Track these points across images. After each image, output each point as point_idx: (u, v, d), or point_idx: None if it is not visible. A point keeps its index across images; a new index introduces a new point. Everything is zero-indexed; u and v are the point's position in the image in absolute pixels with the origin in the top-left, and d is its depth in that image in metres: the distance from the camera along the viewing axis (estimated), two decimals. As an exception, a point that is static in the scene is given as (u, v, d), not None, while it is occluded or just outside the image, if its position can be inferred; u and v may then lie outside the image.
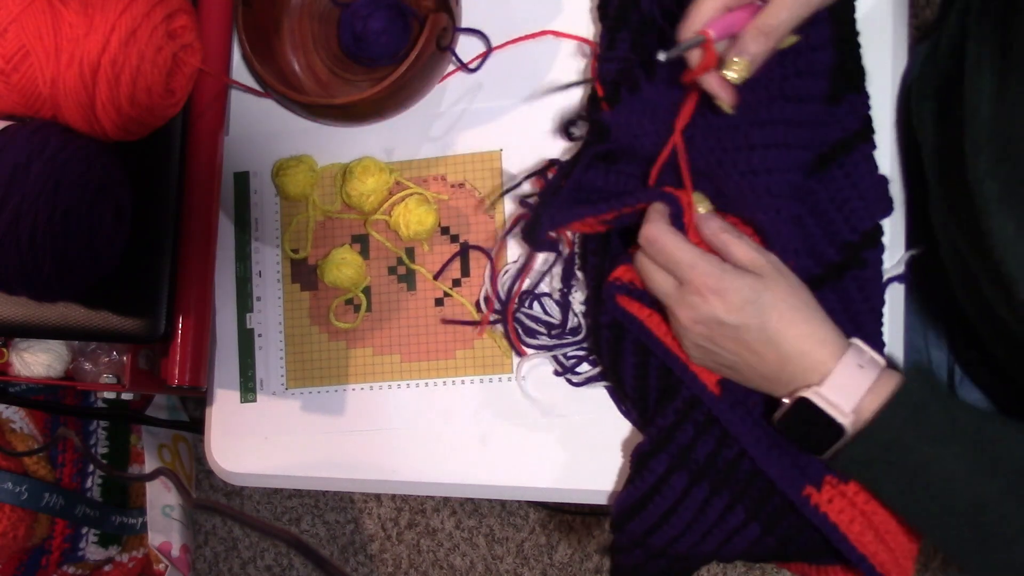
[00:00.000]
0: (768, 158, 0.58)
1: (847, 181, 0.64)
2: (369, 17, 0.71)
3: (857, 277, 0.64)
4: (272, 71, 0.74)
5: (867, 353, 0.57)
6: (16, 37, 0.62)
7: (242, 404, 0.76)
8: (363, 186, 0.73)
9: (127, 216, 0.68)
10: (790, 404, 0.57)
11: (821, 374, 0.55)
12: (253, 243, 0.77)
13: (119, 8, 0.63)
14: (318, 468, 0.74)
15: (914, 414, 0.53)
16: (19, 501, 1.05)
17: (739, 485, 0.63)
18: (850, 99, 0.64)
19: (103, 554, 1.20)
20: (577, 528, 1.48)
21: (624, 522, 0.65)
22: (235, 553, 1.57)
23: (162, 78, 0.67)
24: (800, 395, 0.56)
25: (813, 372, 0.56)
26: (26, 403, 1.05)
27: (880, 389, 0.54)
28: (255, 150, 0.77)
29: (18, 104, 0.65)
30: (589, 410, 0.71)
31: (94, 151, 0.65)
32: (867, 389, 0.54)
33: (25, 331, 0.71)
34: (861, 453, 0.55)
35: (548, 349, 0.71)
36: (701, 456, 0.63)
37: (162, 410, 1.30)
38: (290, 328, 0.76)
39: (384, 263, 0.75)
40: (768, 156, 0.58)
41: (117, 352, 0.84)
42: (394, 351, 0.74)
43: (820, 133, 0.63)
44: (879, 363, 0.56)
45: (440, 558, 1.51)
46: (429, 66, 0.71)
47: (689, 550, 0.64)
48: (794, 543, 0.64)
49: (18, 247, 0.61)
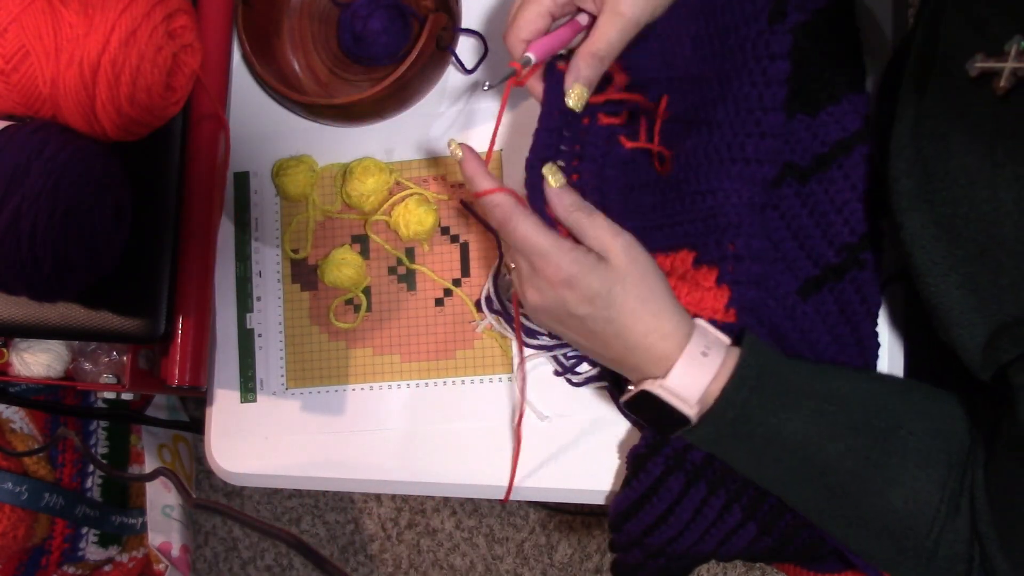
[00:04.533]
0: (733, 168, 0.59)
1: (846, 182, 0.64)
2: (369, 17, 0.71)
3: (855, 279, 0.64)
4: (272, 71, 0.74)
5: (711, 334, 0.57)
6: (16, 37, 0.62)
7: (242, 404, 0.76)
8: (363, 186, 0.73)
9: (127, 216, 0.68)
10: (635, 392, 0.57)
11: (665, 367, 0.56)
12: (253, 243, 0.77)
13: (119, 8, 0.63)
14: (318, 468, 0.74)
15: (753, 390, 0.55)
16: (19, 501, 1.05)
17: (735, 484, 0.63)
18: (849, 99, 0.64)
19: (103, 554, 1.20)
20: (577, 528, 1.48)
21: (622, 522, 0.65)
22: (235, 553, 1.57)
23: (162, 78, 0.67)
24: (643, 388, 0.56)
25: (657, 365, 0.56)
26: (26, 403, 1.05)
27: (723, 372, 0.55)
28: (255, 150, 0.77)
29: (18, 104, 0.65)
30: (589, 410, 0.71)
31: (94, 151, 0.65)
32: (711, 377, 0.55)
33: (25, 331, 0.71)
34: (709, 433, 0.57)
35: (548, 349, 0.71)
36: (698, 457, 0.63)
37: (162, 410, 1.30)
38: (290, 328, 0.76)
39: (384, 263, 0.75)
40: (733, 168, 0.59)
41: (117, 352, 0.84)
42: (394, 351, 0.74)
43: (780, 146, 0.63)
44: (724, 343, 0.57)
45: (440, 558, 1.52)
46: (429, 66, 0.71)
47: (687, 549, 0.64)
48: (791, 543, 0.64)
49: (18, 247, 0.61)
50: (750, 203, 0.60)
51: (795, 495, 0.59)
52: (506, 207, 0.56)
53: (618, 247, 0.56)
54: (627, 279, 0.56)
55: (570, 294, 0.56)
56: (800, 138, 0.64)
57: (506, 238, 0.58)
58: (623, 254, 0.56)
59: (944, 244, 0.53)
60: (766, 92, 0.59)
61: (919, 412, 0.57)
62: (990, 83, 0.49)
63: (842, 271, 0.64)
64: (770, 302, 0.63)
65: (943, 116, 0.53)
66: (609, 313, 0.56)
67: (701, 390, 0.55)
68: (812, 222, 0.64)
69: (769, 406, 0.55)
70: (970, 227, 0.51)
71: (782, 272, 0.64)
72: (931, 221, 0.53)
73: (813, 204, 0.64)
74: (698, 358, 0.56)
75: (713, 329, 0.58)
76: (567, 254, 0.55)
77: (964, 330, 0.53)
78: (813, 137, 0.64)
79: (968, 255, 0.52)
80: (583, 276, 0.55)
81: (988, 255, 0.51)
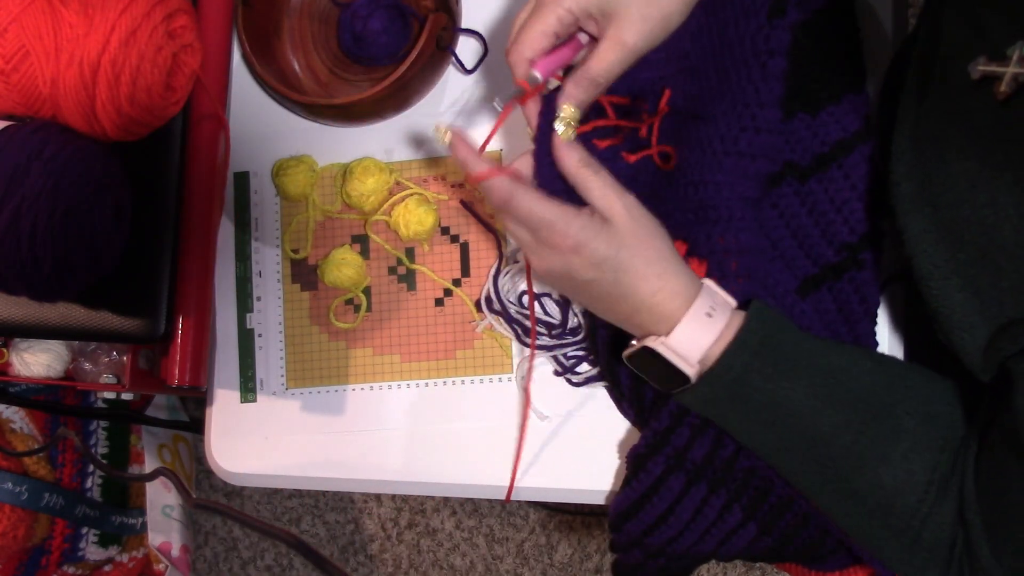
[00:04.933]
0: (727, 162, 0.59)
1: (846, 182, 0.64)
2: (369, 17, 0.71)
3: (854, 279, 0.64)
4: (272, 71, 0.74)
5: (719, 296, 0.58)
6: (16, 37, 0.62)
7: (242, 404, 0.76)
8: (363, 186, 0.73)
9: (127, 216, 0.68)
10: (637, 347, 0.58)
11: (669, 325, 0.56)
12: (253, 243, 0.77)
13: (119, 8, 0.63)
14: (318, 468, 0.74)
15: (755, 355, 0.55)
16: (19, 501, 1.05)
17: (736, 483, 0.63)
18: (850, 99, 0.64)
19: (103, 554, 1.20)
20: (577, 528, 1.48)
21: (622, 522, 0.65)
22: (235, 553, 1.57)
23: (162, 78, 0.67)
24: (645, 344, 0.57)
25: (662, 323, 0.57)
26: (26, 403, 1.05)
27: (727, 333, 0.56)
28: (255, 150, 0.77)
29: (18, 104, 0.65)
30: (589, 410, 0.71)
31: (94, 151, 0.65)
32: (714, 339, 0.56)
33: (25, 331, 0.71)
34: (706, 393, 0.57)
35: (548, 349, 0.71)
36: (698, 457, 0.63)
37: (162, 410, 1.30)
38: (290, 328, 0.76)
39: (384, 263, 0.75)
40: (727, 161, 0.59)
41: (117, 352, 0.84)
42: (394, 351, 0.74)
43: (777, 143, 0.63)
44: (730, 305, 0.58)
45: (440, 558, 1.52)
46: (429, 66, 0.71)
47: (687, 549, 0.64)
48: (791, 543, 0.64)
49: (18, 247, 0.61)
50: (742, 197, 0.60)
51: (786, 464, 0.59)
52: (504, 186, 0.56)
53: (622, 208, 0.56)
54: (632, 241, 0.56)
55: (577, 259, 0.56)
56: (800, 137, 0.64)
57: (510, 214, 0.58)
58: (627, 215, 0.56)
59: (945, 248, 0.53)
60: (763, 87, 0.59)
61: (917, 395, 0.57)
62: (991, 87, 0.49)
63: (841, 270, 0.64)
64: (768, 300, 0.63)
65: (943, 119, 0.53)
66: (616, 276, 0.56)
67: (703, 350, 0.56)
68: (811, 221, 0.64)
69: (768, 372, 0.55)
70: (971, 231, 0.51)
71: (781, 271, 0.65)
72: (932, 225, 0.53)
73: (813, 203, 0.64)
74: (702, 318, 0.56)
75: (721, 291, 0.58)
76: (573, 221, 0.55)
77: (966, 333, 0.53)
78: (813, 136, 0.64)
79: (969, 258, 0.52)
80: (589, 241, 0.55)
81: (988, 259, 0.51)
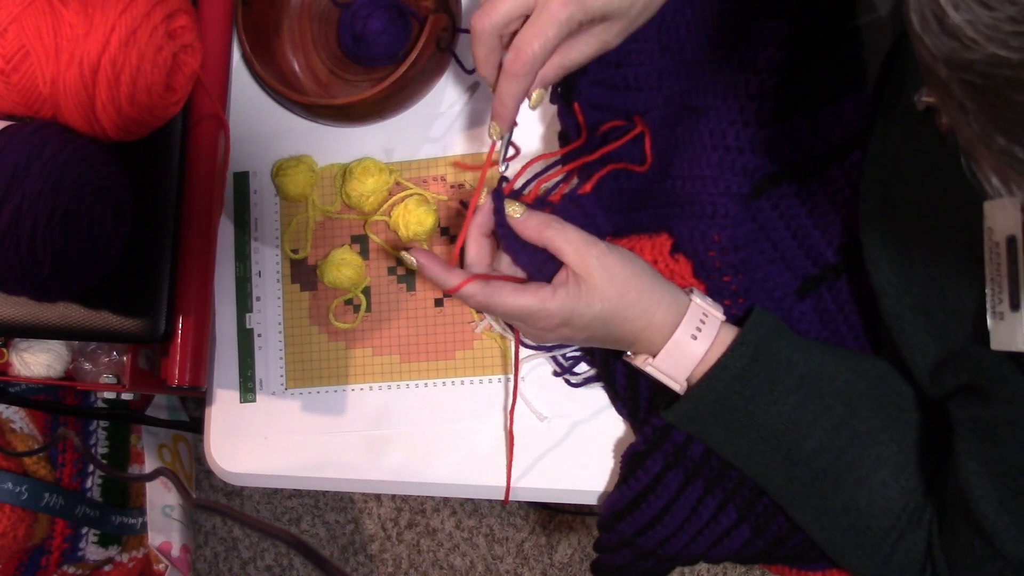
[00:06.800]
0: None
1: (846, 182, 0.64)
2: (369, 17, 0.71)
3: (854, 279, 0.64)
4: (272, 71, 0.74)
5: (708, 311, 0.59)
6: (16, 37, 0.62)
7: (242, 404, 0.76)
8: (363, 186, 0.73)
9: (127, 216, 0.68)
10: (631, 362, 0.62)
11: (657, 347, 0.59)
12: (253, 243, 0.77)
13: (119, 8, 0.63)
14: (318, 468, 0.74)
15: (736, 378, 0.57)
16: (19, 501, 1.05)
17: (731, 483, 0.63)
18: (850, 99, 0.64)
19: (103, 554, 1.20)
20: (577, 528, 1.48)
21: (615, 522, 0.65)
22: (235, 553, 1.57)
23: (162, 78, 0.67)
24: (634, 364, 0.61)
25: (650, 345, 0.59)
26: (26, 403, 1.05)
27: (711, 355, 0.58)
28: (255, 150, 0.77)
29: (18, 104, 0.65)
30: (588, 410, 0.71)
31: (94, 151, 0.65)
32: (697, 361, 0.58)
33: (25, 331, 0.71)
34: (689, 410, 0.59)
35: (547, 349, 0.71)
36: (696, 454, 0.63)
37: (162, 410, 1.30)
38: (290, 328, 0.76)
39: (384, 263, 0.75)
40: None
41: (117, 352, 0.84)
42: (394, 351, 0.74)
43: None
44: (718, 320, 0.59)
45: (440, 558, 1.52)
46: (429, 66, 0.71)
47: (680, 550, 0.64)
48: (783, 546, 0.64)
49: (18, 247, 0.61)
50: (729, 192, 0.60)
51: (764, 479, 0.61)
52: (480, 293, 0.58)
53: (595, 262, 0.57)
54: (612, 293, 0.57)
55: (567, 329, 0.59)
56: (800, 137, 0.64)
57: (492, 313, 0.62)
58: (601, 269, 0.57)
59: (898, 266, 0.55)
60: (753, 80, 0.59)
61: (903, 421, 0.58)
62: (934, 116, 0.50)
63: (840, 271, 0.64)
64: (765, 301, 0.63)
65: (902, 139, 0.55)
66: (606, 327, 0.58)
67: (687, 371, 0.58)
68: (811, 221, 0.64)
69: (750, 395, 0.57)
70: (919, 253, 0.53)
71: (781, 271, 0.64)
72: (888, 242, 0.55)
73: (813, 203, 0.64)
74: (686, 342, 0.58)
75: (708, 305, 0.59)
76: (551, 303, 0.57)
77: (916, 351, 0.55)
78: (814, 136, 0.64)
79: (919, 280, 0.53)
80: (572, 312, 0.57)
81: (935, 283, 0.52)
